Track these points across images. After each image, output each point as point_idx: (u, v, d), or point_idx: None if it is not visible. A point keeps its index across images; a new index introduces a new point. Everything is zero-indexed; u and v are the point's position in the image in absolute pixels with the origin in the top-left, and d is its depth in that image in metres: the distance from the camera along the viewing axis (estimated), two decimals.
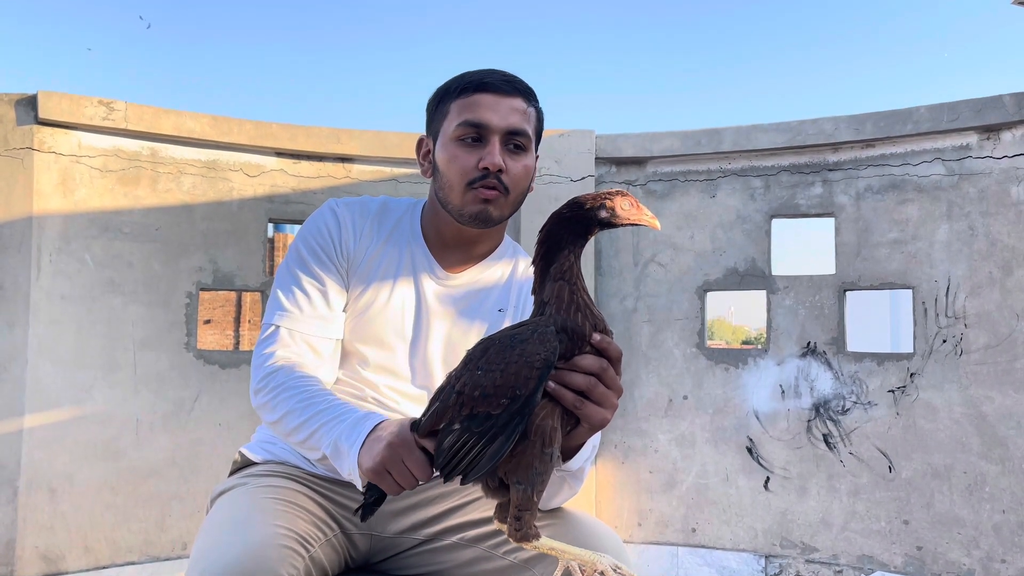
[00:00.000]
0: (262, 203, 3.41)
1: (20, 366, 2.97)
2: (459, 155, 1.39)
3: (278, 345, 1.37)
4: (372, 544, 1.43)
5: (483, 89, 1.39)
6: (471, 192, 1.38)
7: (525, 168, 1.42)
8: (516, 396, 1.02)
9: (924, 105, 3.21)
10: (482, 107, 1.38)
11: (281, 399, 1.29)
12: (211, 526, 1.27)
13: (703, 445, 3.50)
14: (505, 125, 1.38)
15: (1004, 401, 3.01)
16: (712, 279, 3.54)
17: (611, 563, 1.07)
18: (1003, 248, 3.05)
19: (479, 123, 1.37)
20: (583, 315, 1.07)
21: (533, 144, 1.44)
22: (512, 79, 1.42)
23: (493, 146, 1.37)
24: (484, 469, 1.04)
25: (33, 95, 3.04)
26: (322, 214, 1.46)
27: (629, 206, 1.10)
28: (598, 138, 3.66)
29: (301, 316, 1.39)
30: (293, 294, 1.40)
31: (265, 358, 1.35)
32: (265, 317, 1.41)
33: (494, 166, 1.36)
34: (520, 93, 1.42)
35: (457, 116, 1.40)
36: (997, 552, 2.99)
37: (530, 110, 1.43)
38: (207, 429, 3.27)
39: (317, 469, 1.44)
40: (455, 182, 1.39)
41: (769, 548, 3.37)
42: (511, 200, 1.41)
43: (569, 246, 1.09)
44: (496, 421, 1.03)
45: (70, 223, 3.09)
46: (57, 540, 3.01)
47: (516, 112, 1.40)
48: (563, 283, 1.08)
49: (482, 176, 1.37)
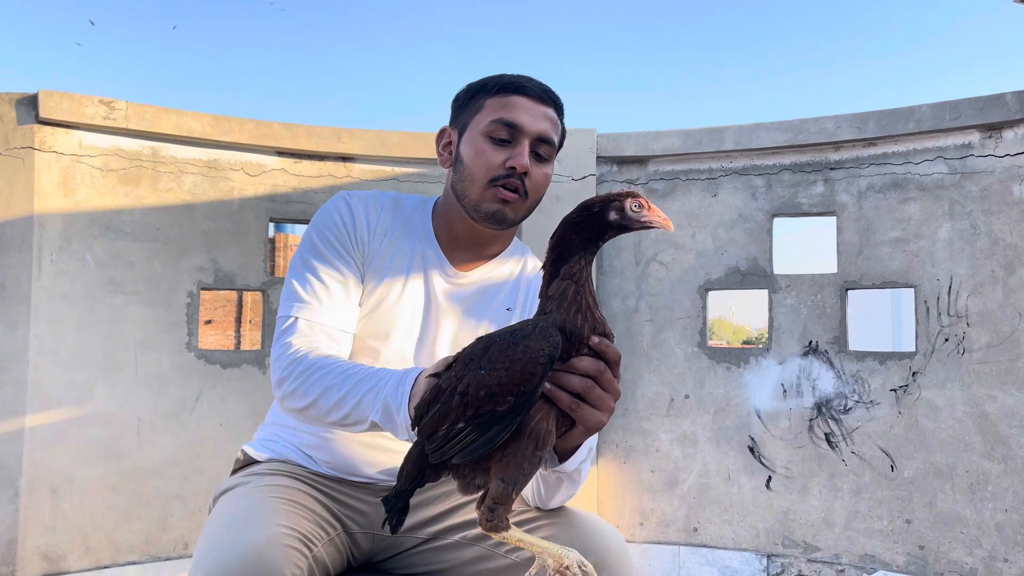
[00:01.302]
0: (263, 202, 3.41)
1: (21, 366, 2.96)
2: (487, 150, 1.40)
3: (298, 335, 1.34)
4: (375, 543, 1.43)
5: (521, 92, 1.42)
6: (491, 189, 1.39)
7: (546, 177, 1.44)
8: (522, 392, 1.01)
9: (926, 103, 3.20)
10: (519, 109, 1.40)
11: (313, 380, 1.27)
12: (214, 526, 1.26)
13: (705, 444, 3.50)
14: (537, 130, 1.40)
15: (1006, 400, 3.00)
16: (714, 278, 3.54)
17: (577, 559, 1.06)
18: (1005, 247, 3.04)
19: (513, 123, 1.39)
20: (583, 316, 1.06)
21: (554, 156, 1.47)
22: (549, 90, 1.46)
23: (523, 147, 1.39)
24: (475, 453, 1.03)
25: (34, 94, 3.04)
26: (336, 205, 1.45)
27: (639, 207, 1.09)
28: (599, 137, 3.65)
29: (320, 307, 1.37)
30: (311, 284, 1.38)
31: (286, 347, 1.33)
32: (281, 309, 1.39)
33: (521, 167, 1.38)
34: (553, 104, 1.45)
35: (491, 113, 1.41)
36: (1000, 551, 2.99)
37: (559, 122, 1.47)
38: (208, 429, 3.27)
39: (320, 468, 1.44)
40: (479, 176, 1.40)
41: (771, 547, 3.36)
42: (528, 205, 1.43)
43: (580, 251, 1.08)
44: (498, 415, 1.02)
45: (71, 223, 3.09)
46: (58, 540, 3.00)
47: (548, 120, 1.43)
48: (570, 282, 1.07)
49: (507, 175, 1.38)
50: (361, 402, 1.21)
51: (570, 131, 3.62)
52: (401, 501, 1.16)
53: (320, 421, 1.30)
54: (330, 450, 1.43)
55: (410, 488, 1.15)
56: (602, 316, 1.09)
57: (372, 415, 1.20)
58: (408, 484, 1.15)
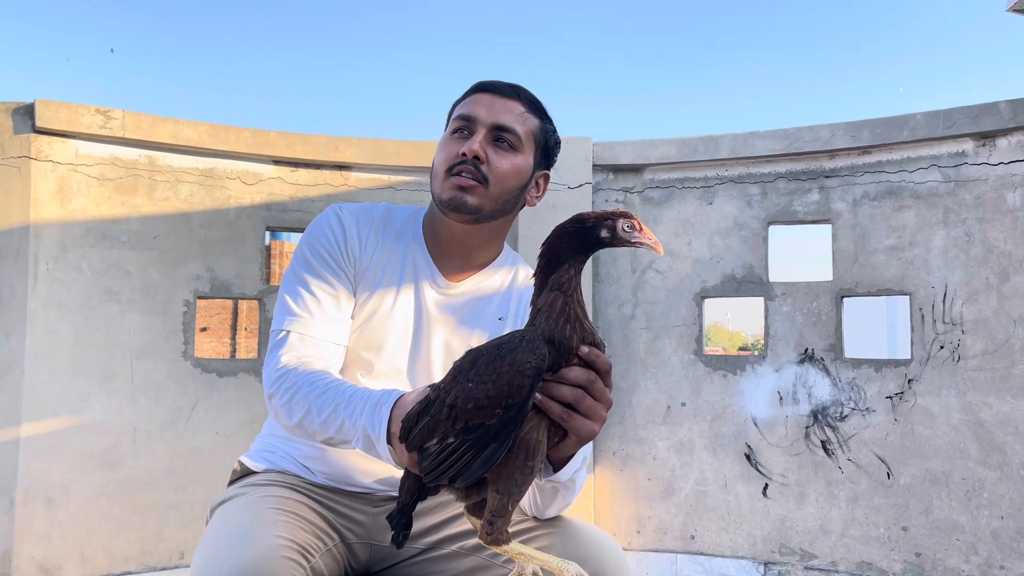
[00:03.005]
0: (259, 211, 3.41)
1: (17, 375, 2.96)
2: (446, 146, 1.43)
3: (289, 349, 1.35)
4: (372, 553, 1.43)
5: (484, 89, 1.44)
6: (450, 179, 1.39)
7: (512, 166, 1.41)
8: (510, 405, 1.01)
9: (920, 112, 3.22)
10: (477, 104, 1.42)
11: (299, 398, 1.27)
12: (211, 537, 1.26)
13: (701, 452, 3.50)
14: (493, 119, 1.40)
15: (1002, 407, 3.01)
16: (710, 286, 3.54)
17: (577, 572, 1.07)
18: (1000, 254, 3.05)
19: (468, 116, 1.41)
20: (572, 327, 1.06)
21: (528, 150, 1.44)
22: (518, 87, 1.46)
23: (477, 135, 1.39)
24: (476, 475, 1.04)
25: (30, 104, 3.04)
26: (327, 219, 1.45)
27: (631, 228, 1.09)
28: (595, 145, 3.66)
29: (312, 320, 1.37)
30: (302, 298, 1.39)
31: (276, 361, 1.33)
32: (274, 323, 1.39)
33: (470, 151, 1.38)
34: (521, 99, 1.44)
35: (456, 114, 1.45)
36: (996, 558, 2.99)
37: (530, 117, 1.44)
38: (205, 438, 3.26)
39: (317, 478, 1.44)
40: (439, 170, 1.42)
41: (768, 555, 3.36)
42: (492, 194, 1.40)
43: (570, 260, 1.09)
44: (489, 430, 1.02)
45: (67, 232, 3.09)
46: (54, 550, 2.99)
47: (509, 112, 1.42)
48: (558, 293, 1.07)
49: (460, 162, 1.38)
50: (343, 426, 1.22)
51: (566, 140, 3.63)
52: (404, 516, 1.16)
53: (311, 439, 1.30)
54: (327, 460, 1.43)
55: (412, 502, 1.15)
56: (591, 326, 1.09)
57: (354, 442, 1.21)
58: (410, 498, 1.15)
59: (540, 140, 1.47)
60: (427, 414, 1.09)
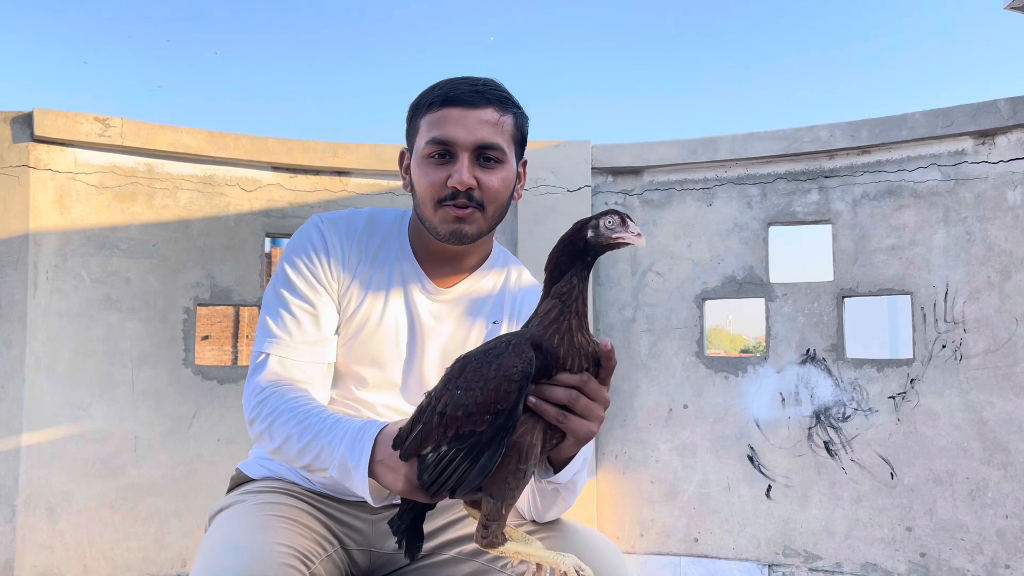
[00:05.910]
0: (259, 217, 3.41)
1: (17, 384, 2.95)
2: (429, 172, 1.35)
3: (268, 373, 1.33)
4: (371, 560, 1.43)
5: (450, 103, 1.34)
6: (442, 210, 1.34)
7: (502, 181, 1.37)
8: (499, 411, 1.01)
9: (919, 111, 3.21)
10: (449, 122, 1.33)
11: (277, 425, 1.26)
12: (210, 545, 1.25)
13: (704, 454, 3.49)
14: (473, 140, 1.33)
15: (1005, 406, 3.00)
16: (710, 287, 3.54)
17: (574, 563, 1.07)
18: (1000, 252, 3.05)
19: (445, 140, 1.33)
20: (560, 337, 1.05)
21: (511, 154, 1.39)
22: (482, 88, 1.36)
23: (461, 164, 1.32)
24: (474, 484, 1.03)
25: (29, 113, 3.05)
26: (307, 233, 1.41)
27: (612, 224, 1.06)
28: (594, 148, 3.66)
29: (291, 342, 1.35)
30: (282, 319, 1.36)
31: (256, 387, 1.32)
32: (255, 345, 1.37)
33: (462, 185, 1.32)
34: (491, 102, 1.35)
35: (426, 133, 1.35)
36: (1001, 558, 2.98)
37: (505, 119, 1.37)
38: (206, 445, 3.26)
39: (315, 485, 1.43)
40: (426, 199, 1.35)
41: (772, 557, 3.35)
42: (489, 215, 1.37)
43: (571, 268, 1.07)
44: (481, 437, 1.02)
45: (67, 240, 3.09)
46: (56, 559, 2.99)
47: (486, 125, 1.34)
48: (556, 302, 1.07)
49: (452, 195, 1.33)
50: (320, 454, 1.20)
51: (565, 143, 3.63)
52: (404, 522, 1.16)
53: (291, 464, 1.29)
54: None
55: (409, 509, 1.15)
56: (588, 338, 1.07)
57: (331, 470, 1.19)
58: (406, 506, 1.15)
59: (518, 136, 1.41)
60: (420, 421, 1.08)
